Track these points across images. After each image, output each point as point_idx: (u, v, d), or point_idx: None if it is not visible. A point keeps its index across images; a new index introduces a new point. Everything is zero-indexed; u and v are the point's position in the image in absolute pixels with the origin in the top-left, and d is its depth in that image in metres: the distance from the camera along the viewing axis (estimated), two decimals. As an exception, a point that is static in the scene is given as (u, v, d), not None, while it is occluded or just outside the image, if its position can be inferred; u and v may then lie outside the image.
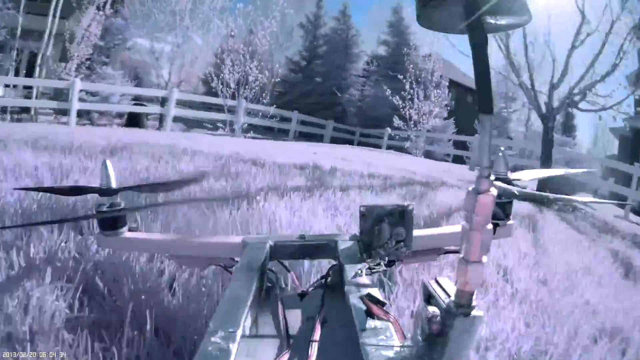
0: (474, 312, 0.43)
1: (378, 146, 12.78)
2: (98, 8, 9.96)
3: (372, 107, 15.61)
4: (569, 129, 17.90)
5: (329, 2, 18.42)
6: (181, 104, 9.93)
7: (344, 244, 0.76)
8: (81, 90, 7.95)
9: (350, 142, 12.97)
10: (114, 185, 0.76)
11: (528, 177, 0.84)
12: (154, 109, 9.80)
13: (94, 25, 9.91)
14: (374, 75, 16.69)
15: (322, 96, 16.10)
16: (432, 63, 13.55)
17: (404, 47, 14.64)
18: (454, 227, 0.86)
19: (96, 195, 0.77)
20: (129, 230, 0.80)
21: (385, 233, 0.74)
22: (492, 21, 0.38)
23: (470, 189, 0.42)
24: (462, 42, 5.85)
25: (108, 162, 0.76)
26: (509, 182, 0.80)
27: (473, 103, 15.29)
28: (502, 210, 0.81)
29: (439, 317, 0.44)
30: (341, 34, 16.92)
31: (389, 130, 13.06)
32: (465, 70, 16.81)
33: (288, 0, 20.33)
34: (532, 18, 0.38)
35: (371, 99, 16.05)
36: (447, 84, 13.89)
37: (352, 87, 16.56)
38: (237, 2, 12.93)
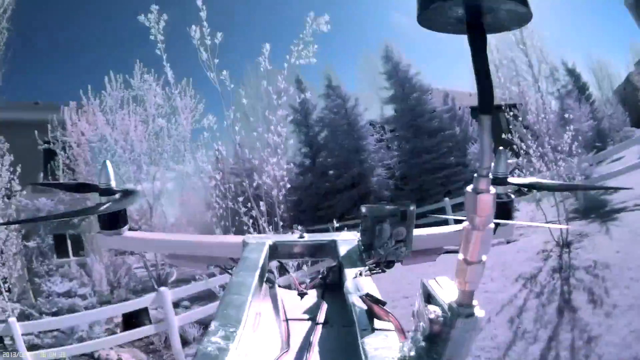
0: (473, 312, 0.43)
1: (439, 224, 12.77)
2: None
3: (408, 178, 13.62)
4: None
5: (310, 79, 16.93)
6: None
7: (344, 244, 0.77)
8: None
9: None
10: (113, 185, 0.78)
11: (550, 185, 0.87)
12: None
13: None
14: (396, 140, 14.58)
15: (343, 192, 13.89)
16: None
17: (412, 92, 13.48)
18: (454, 227, 0.88)
19: (96, 195, 0.79)
20: (130, 229, 0.82)
21: (386, 233, 0.75)
22: (492, 21, 0.39)
23: (469, 188, 0.43)
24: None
25: (108, 162, 0.78)
26: (508, 182, 0.82)
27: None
28: (502, 210, 0.82)
29: (439, 317, 0.45)
30: (338, 112, 14.49)
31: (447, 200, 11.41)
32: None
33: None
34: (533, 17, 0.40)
35: (403, 168, 14.02)
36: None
37: (376, 167, 14.14)
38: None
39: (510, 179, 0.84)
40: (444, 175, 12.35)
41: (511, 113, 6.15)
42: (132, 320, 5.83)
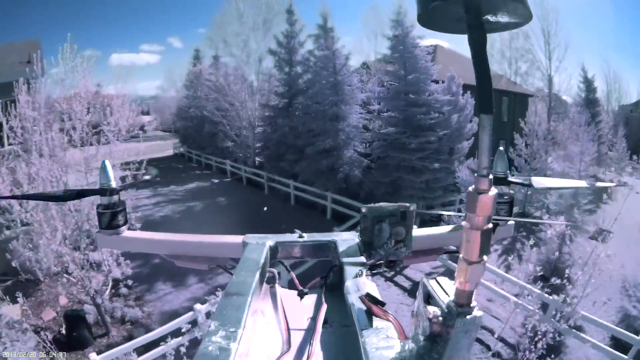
0: (474, 312, 0.46)
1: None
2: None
3: (383, 166, 11.90)
4: None
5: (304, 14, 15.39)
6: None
7: (344, 244, 0.81)
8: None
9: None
10: (113, 185, 0.81)
11: (548, 185, 0.89)
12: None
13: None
14: (381, 121, 12.70)
15: (312, 156, 12.61)
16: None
17: (413, 72, 11.52)
18: (454, 227, 0.93)
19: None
20: (129, 229, 0.86)
21: (386, 233, 0.78)
22: (492, 21, 0.41)
23: (470, 188, 0.44)
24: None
25: (107, 162, 0.81)
26: (508, 181, 0.86)
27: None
28: (502, 210, 0.87)
29: (439, 317, 0.47)
30: (325, 66, 12.73)
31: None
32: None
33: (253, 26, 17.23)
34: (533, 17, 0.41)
35: (381, 153, 12.05)
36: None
37: (354, 140, 12.70)
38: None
39: (510, 179, 0.88)
40: (424, 180, 11.32)
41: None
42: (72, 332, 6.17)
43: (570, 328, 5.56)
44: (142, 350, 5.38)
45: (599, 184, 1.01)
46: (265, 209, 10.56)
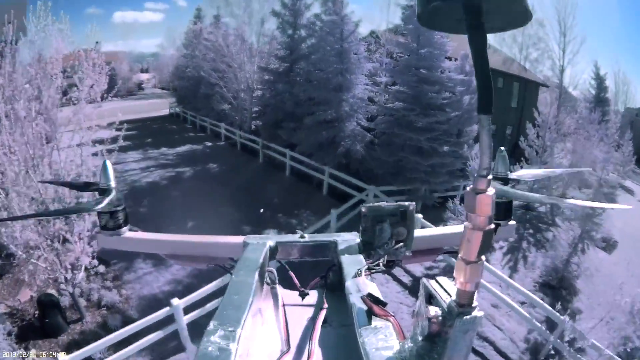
0: (474, 312, 0.47)
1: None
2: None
3: (387, 144, 11.45)
4: None
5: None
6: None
7: (344, 244, 0.83)
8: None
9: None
10: (113, 185, 0.82)
11: (527, 177, 0.93)
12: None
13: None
14: (388, 95, 12.12)
15: (311, 127, 12.09)
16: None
17: (426, 46, 10.94)
18: (454, 227, 0.96)
19: (96, 194, 0.84)
20: (130, 230, 0.88)
21: (386, 233, 0.80)
22: (492, 21, 0.41)
23: (469, 188, 0.45)
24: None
25: (108, 162, 0.82)
26: (508, 182, 0.88)
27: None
28: (502, 210, 0.88)
29: (439, 317, 0.48)
30: (331, 31, 12.11)
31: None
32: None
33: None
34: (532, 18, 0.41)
35: (386, 129, 11.61)
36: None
37: (357, 112, 12.12)
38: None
39: (511, 176, 0.90)
40: (430, 164, 10.81)
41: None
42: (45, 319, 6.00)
43: (575, 352, 5.48)
44: (115, 345, 5.14)
45: (592, 204, 1.04)
46: (262, 210, 10.35)
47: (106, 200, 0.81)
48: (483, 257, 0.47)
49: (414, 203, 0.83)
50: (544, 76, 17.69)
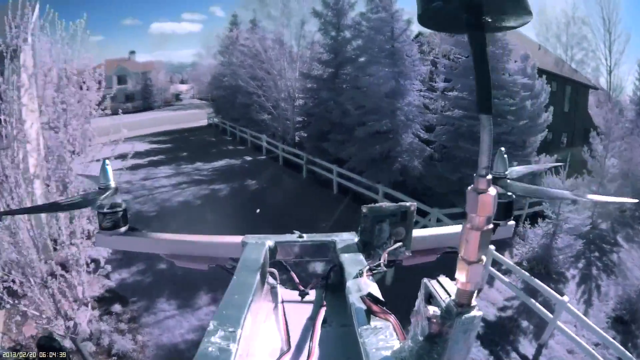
0: (473, 312, 0.53)
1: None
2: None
3: (448, 159, 11.16)
4: None
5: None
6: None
7: (344, 244, 0.93)
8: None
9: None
10: (113, 185, 0.95)
11: (522, 172, 1.03)
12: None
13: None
14: (447, 101, 11.88)
15: (363, 139, 11.98)
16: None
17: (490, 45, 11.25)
18: (454, 227, 1.05)
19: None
20: (129, 229, 1.00)
21: (385, 233, 0.91)
22: (492, 21, 0.46)
23: (469, 188, 0.51)
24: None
25: (107, 162, 0.95)
26: (507, 181, 0.97)
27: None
28: (502, 210, 0.97)
29: (439, 317, 0.54)
30: (380, 29, 12.15)
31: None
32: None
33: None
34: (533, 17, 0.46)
35: (447, 141, 11.26)
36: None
37: (413, 123, 11.91)
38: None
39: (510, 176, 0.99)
40: None
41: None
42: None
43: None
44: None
45: (597, 198, 1.07)
46: (257, 211, 10.44)
47: (106, 200, 0.94)
48: (483, 257, 0.52)
49: (415, 204, 0.93)
50: (588, 77, 17.53)
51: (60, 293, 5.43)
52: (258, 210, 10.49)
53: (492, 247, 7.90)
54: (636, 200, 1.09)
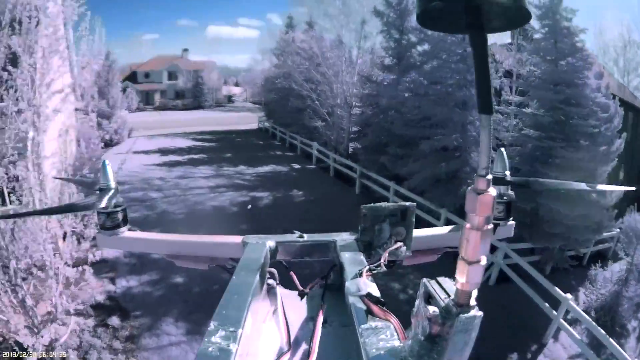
0: (473, 312, 0.57)
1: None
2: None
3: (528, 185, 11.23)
4: None
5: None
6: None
7: (344, 244, 1.02)
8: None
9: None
10: (113, 185, 1.06)
11: (547, 186, 1.17)
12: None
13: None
14: (522, 118, 11.33)
15: (427, 155, 11.71)
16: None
17: (568, 55, 10.18)
18: (454, 227, 1.14)
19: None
20: (129, 230, 1.11)
21: (386, 233, 0.99)
22: (492, 21, 0.50)
23: (469, 188, 0.56)
24: None
25: (107, 162, 1.07)
26: (507, 181, 1.06)
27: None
28: (501, 210, 1.07)
29: (438, 317, 0.59)
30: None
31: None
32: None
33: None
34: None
35: (522, 164, 10.47)
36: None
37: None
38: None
39: (509, 179, 1.09)
40: (576, 215, 9.79)
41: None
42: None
43: None
44: None
45: (600, 186, 1.34)
46: (249, 206, 10.44)
47: (105, 200, 1.04)
48: (484, 257, 0.57)
49: (414, 203, 1.02)
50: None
51: (33, 298, 5.32)
52: (249, 207, 10.40)
53: (568, 295, 7.77)
54: (633, 188, 1.22)
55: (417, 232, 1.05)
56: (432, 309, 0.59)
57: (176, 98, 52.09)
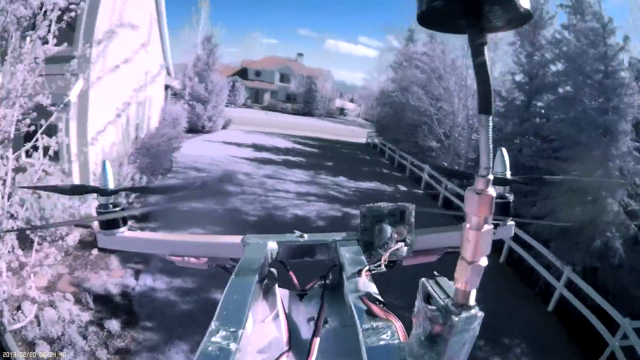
0: (473, 312, 0.61)
1: None
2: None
3: None
4: None
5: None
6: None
7: (344, 244, 1.09)
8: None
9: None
10: (111, 185, 1.17)
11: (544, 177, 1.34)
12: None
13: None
14: None
15: (569, 196, 9.80)
16: None
17: None
18: (455, 227, 1.19)
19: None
20: (129, 229, 1.22)
21: (386, 233, 1.07)
22: (492, 21, 0.53)
23: (469, 188, 0.60)
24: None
25: (107, 163, 1.18)
26: (507, 181, 1.13)
27: None
28: (502, 210, 1.14)
29: (438, 317, 0.63)
30: (592, 43, 10.92)
31: None
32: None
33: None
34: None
35: None
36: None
37: (633, 176, 10.10)
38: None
39: (509, 177, 1.16)
40: None
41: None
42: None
43: None
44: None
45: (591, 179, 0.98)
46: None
47: (105, 200, 1.15)
48: (484, 258, 0.60)
49: (414, 205, 1.09)
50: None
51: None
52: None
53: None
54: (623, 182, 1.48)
55: (418, 232, 1.13)
56: (432, 309, 0.64)
57: (287, 101, 55.13)
